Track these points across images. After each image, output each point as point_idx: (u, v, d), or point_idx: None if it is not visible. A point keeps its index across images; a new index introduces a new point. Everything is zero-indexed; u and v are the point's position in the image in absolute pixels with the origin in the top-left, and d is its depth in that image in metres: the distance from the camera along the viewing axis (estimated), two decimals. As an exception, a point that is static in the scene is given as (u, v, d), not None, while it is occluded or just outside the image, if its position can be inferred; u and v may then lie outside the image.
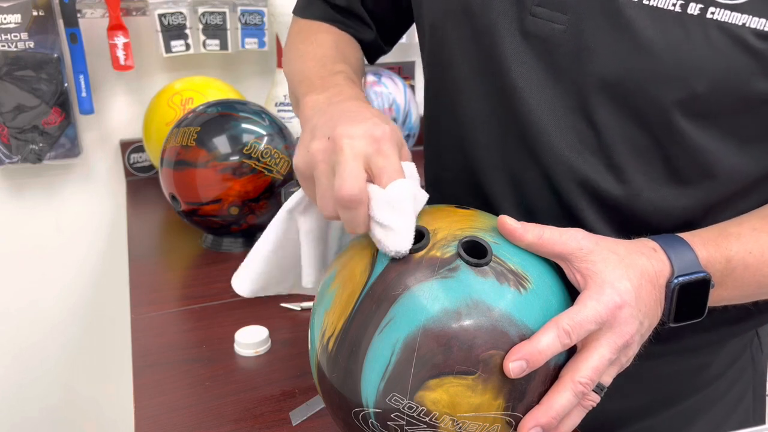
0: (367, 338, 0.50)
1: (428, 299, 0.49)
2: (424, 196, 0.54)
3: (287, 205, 0.61)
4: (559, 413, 0.48)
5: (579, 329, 0.48)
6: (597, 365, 0.49)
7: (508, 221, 0.52)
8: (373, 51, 0.84)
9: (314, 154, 0.52)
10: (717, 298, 0.57)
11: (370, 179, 0.51)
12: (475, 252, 0.51)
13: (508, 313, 0.49)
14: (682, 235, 0.56)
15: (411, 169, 0.54)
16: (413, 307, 0.49)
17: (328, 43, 0.76)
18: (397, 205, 0.50)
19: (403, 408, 0.48)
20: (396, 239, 0.50)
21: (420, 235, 0.52)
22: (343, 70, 0.68)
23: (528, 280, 0.51)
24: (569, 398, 0.49)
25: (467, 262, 0.50)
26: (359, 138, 0.50)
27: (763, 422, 0.79)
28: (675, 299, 0.53)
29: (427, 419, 0.48)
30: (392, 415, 0.49)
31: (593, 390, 0.50)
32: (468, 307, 0.48)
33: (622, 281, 0.50)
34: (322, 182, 0.51)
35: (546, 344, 0.47)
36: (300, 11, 0.83)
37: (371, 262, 0.52)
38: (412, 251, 0.51)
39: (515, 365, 0.47)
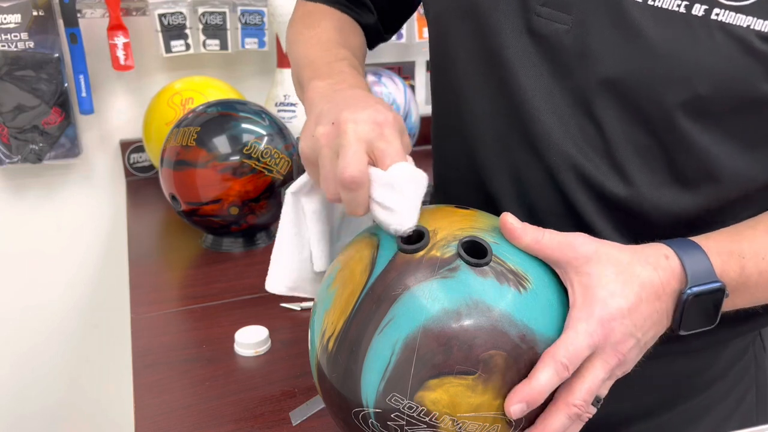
0: (367, 338, 0.49)
1: (428, 299, 0.49)
2: (424, 177, 0.54)
3: (291, 188, 0.61)
4: None
5: (575, 360, 0.48)
6: (590, 386, 0.49)
7: (509, 219, 0.52)
8: (373, 36, 0.84)
9: (319, 139, 0.53)
10: (729, 304, 0.56)
11: (373, 163, 0.52)
12: (475, 252, 0.51)
13: (508, 313, 0.49)
14: (696, 239, 0.55)
15: (409, 160, 0.55)
16: (413, 307, 0.49)
17: (332, 28, 0.76)
18: (398, 186, 0.51)
19: (403, 408, 0.48)
20: (397, 218, 0.52)
21: (420, 235, 0.52)
22: (346, 57, 0.69)
23: (528, 280, 0.51)
24: (563, 421, 0.49)
25: (467, 262, 0.50)
26: (362, 123, 0.52)
27: (766, 419, 0.79)
28: (687, 308, 0.52)
29: (427, 419, 0.48)
30: (392, 415, 0.49)
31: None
32: (468, 307, 0.48)
33: (615, 299, 0.50)
34: (325, 165, 0.53)
35: (545, 382, 0.48)
36: None
37: (371, 262, 0.52)
38: (412, 251, 0.51)
39: (516, 408, 0.47)
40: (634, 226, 0.61)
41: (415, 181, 0.53)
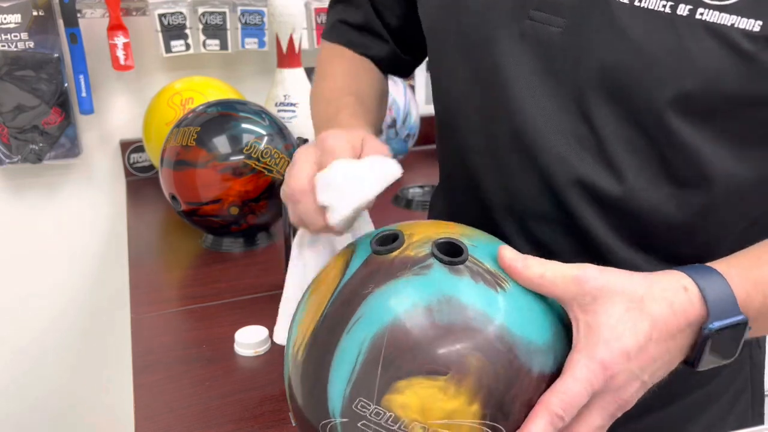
0: (335, 340, 0.47)
1: (397, 296, 0.46)
2: (372, 170, 0.54)
3: (295, 241, 0.62)
4: None
5: (571, 409, 0.46)
6: None
7: (507, 253, 0.49)
8: (396, 66, 0.85)
9: (285, 180, 0.58)
10: (751, 333, 0.53)
11: None
12: (452, 254, 0.49)
13: (483, 311, 0.46)
14: (716, 265, 0.52)
15: (374, 160, 0.55)
16: (382, 305, 0.46)
17: (343, 73, 0.80)
18: (332, 182, 0.52)
19: (370, 415, 0.45)
20: (332, 214, 0.52)
21: (394, 237, 0.51)
22: (349, 105, 0.73)
23: (506, 281, 0.48)
24: None
25: (441, 261, 0.48)
26: (307, 147, 0.56)
27: (761, 419, 0.79)
28: (707, 344, 0.50)
29: (395, 427, 0.45)
30: (359, 425, 0.46)
31: None
32: (439, 303, 0.46)
33: (620, 340, 0.47)
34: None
35: None
36: (326, 34, 0.86)
37: (344, 267, 0.51)
38: (385, 252, 0.50)
39: None
40: (629, 226, 0.61)
41: (353, 173, 0.53)
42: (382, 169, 0.54)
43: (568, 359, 0.48)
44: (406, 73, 0.87)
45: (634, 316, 0.47)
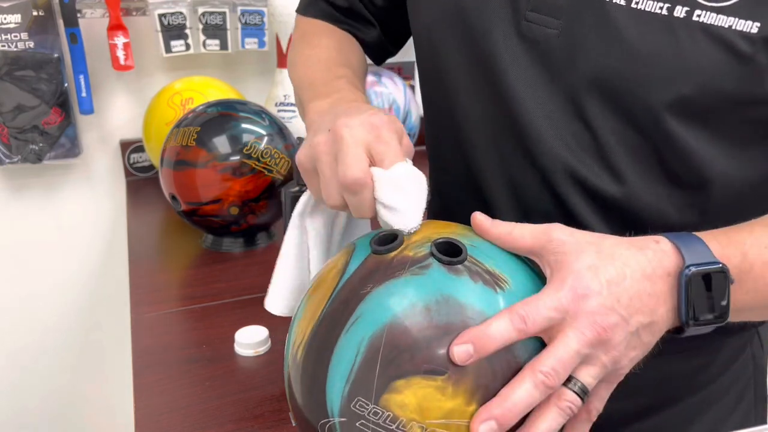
0: (333, 339, 0.47)
1: (396, 296, 0.47)
2: (425, 178, 0.53)
3: (297, 209, 0.61)
4: (516, 405, 0.44)
5: (535, 315, 0.45)
6: (561, 356, 0.45)
7: (479, 216, 0.52)
8: (378, 52, 0.85)
9: (316, 147, 0.53)
10: (737, 303, 0.50)
11: (373, 165, 0.52)
12: (451, 254, 0.49)
13: (482, 310, 0.46)
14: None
15: (408, 161, 0.54)
16: (380, 305, 0.47)
17: (332, 46, 0.78)
18: (401, 185, 0.51)
19: (368, 415, 0.45)
20: (401, 218, 0.51)
21: (394, 237, 0.51)
22: (345, 75, 0.70)
23: (506, 282, 0.48)
24: (529, 389, 0.44)
25: (440, 260, 0.48)
26: (358, 126, 0.52)
27: (764, 421, 0.79)
28: (691, 294, 0.48)
29: (393, 426, 0.45)
30: (357, 424, 0.46)
31: (571, 389, 0.46)
32: (438, 303, 0.46)
33: (590, 270, 0.47)
34: (325, 172, 0.53)
35: (497, 329, 0.44)
36: (303, 9, 0.85)
37: (343, 267, 0.51)
38: (384, 252, 0.50)
39: (460, 349, 0.44)
40: (628, 226, 0.61)
41: (418, 180, 0.52)
42: (419, 171, 0.54)
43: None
44: (382, 60, 0.87)
45: (605, 256, 0.48)
